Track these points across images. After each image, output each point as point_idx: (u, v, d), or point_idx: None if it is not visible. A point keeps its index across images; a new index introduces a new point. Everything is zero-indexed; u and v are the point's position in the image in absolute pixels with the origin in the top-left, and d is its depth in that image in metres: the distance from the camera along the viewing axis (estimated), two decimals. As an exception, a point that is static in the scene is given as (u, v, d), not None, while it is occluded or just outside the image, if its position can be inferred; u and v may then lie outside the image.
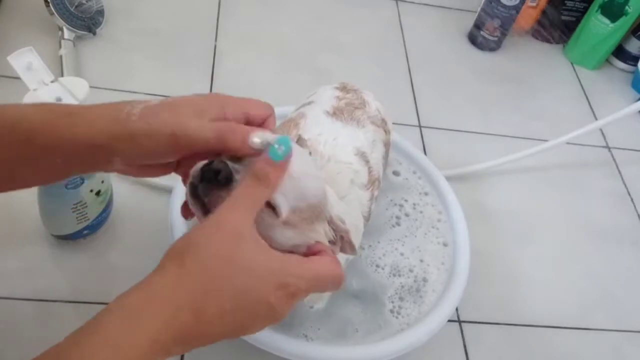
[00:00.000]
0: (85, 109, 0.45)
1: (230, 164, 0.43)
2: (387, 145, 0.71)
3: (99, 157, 0.44)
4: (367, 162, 0.63)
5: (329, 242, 0.48)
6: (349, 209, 0.57)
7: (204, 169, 0.43)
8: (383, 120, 0.71)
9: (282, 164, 0.42)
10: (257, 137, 0.44)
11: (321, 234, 0.47)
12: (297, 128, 0.64)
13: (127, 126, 0.43)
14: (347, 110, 0.67)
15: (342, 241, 0.49)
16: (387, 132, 0.71)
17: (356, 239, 0.60)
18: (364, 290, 0.72)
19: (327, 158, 0.59)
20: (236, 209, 0.40)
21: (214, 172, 0.42)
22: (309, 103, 0.70)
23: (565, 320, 0.85)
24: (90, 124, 0.43)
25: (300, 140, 0.55)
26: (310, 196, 0.45)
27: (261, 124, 0.48)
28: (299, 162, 0.44)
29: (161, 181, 0.83)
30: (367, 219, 0.63)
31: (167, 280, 0.37)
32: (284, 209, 0.43)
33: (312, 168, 0.47)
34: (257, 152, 0.44)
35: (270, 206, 0.43)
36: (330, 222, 0.48)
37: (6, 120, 0.44)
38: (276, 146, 0.42)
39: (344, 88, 0.72)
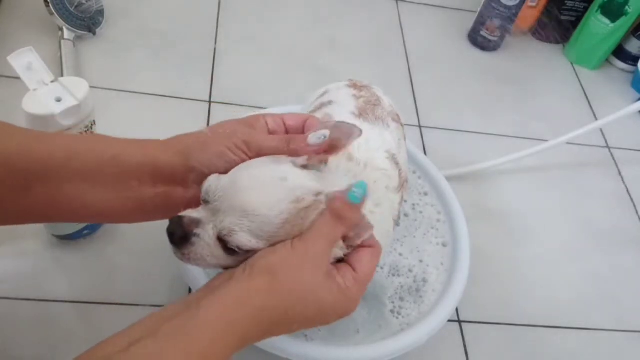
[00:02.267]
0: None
1: (188, 218, 0.46)
2: (404, 140, 0.70)
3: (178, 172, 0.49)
4: (397, 164, 0.62)
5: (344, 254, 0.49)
6: (382, 216, 0.57)
7: (167, 231, 0.46)
8: (398, 115, 0.70)
9: (358, 205, 0.46)
10: (313, 137, 0.49)
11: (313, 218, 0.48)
12: None
13: (201, 139, 0.50)
14: (369, 109, 0.65)
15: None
16: (402, 126, 0.70)
17: (385, 244, 0.60)
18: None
19: (363, 164, 0.57)
20: (319, 241, 0.45)
21: (170, 235, 0.46)
22: (329, 103, 0.68)
23: (565, 320, 0.85)
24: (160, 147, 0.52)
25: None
26: (276, 221, 0.46)
27: (302, 129, 0.53)
28: (256, 191, 0.46)
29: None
30: (397, 222, 0.63)
31: (259, 287, 0.43)
32: (254, 243, 0.45)
33: (276, 188, 0.47)
34: (318, 150, 0.49)
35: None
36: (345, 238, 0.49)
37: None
38: (354, 190, 0.46)
39: (355, 85, 0.70)
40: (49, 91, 0.60)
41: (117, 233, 0.78)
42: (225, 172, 0.48)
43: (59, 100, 0.60)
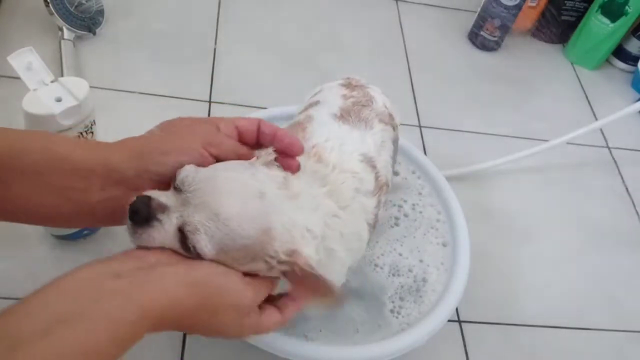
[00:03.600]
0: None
1: (156, 201, 0.45)
2: (395, 142, 0.70)
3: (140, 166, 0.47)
4: (373, 167, 0.62)
5: (283, 273, 0.48)
6: (350, 218, 0.57)
7: (130, 206, 0.45)
8: (390, 116, 0.69)
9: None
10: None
11: (262, 269, 0.47)
12: (304, 132, 0.62)
13: (155, 139, 0.49)
14: (354, 110, 0.66)
15: (300, 272, 0.47)
16: (394, 127, 0.70)
17: (357, 248, 0.60)
18: (363, 288, 0.72)
19: (332, 166, 0.57)
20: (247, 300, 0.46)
21: (132, 213, 0.45)
22: (316, 103, 0.68)
23: (565, 320, 0.85)
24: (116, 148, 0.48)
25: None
26: (242, 238, 0.45)
27: (255, 133, 0.52)
28: (235, 198, 0.45)
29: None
30: (372, 226, 0.62)
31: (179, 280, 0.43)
32: (208, 251, 0.44)
33: (253, 203, 0.46)
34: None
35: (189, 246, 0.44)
36: (276, 258, 0.47)
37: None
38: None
39: (349, 85, 0.71)
40: (49, 91, 0.60)
41: (117, 233, 0.77)
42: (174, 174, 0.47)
43: (59, 100, 0.60)
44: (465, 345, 0.79)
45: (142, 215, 0.44)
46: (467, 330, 0.80)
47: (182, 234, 0.45)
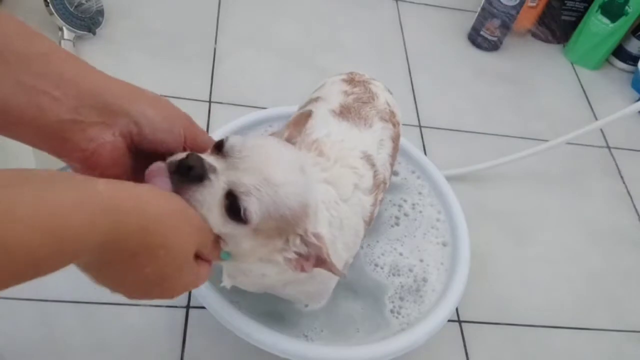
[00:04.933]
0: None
1: (207, 161, 0.43)
2: (395, 139, 0.70)
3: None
4: (372, 165, 0.62)
5: (300, 255, 0.48)
6: (350, 212, 0.57)
7: (181, 161, 0.42)
8: (392, 113, 0.69)
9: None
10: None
11: (280, 248, 0.47)
12: (305, 126, 0.62)
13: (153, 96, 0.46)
14: (355, 107, 0.66)
15: (316, 258, 0.48)
16: (395, 125, 0.70)
17: (353, 242, 0.60)
18: (363, 287, 0.72)
19: (333, 160, 0.58)
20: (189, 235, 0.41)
21: (187, 168, 0.43)
22: (317, 99, 0.68)
23: (565, 320, 0.85)
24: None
25: (307, 139, 0.55)
26: (285, 208, 0.45)
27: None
28: (283, 167, 0.45)
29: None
30: (368, 223, 0.63)
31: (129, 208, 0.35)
32: (256, 215, 0.43)
33: (298, 176, 0.46)
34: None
35: (237, 210, 0.43)
36: (304, 237, 0.47)
37: None
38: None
39: (351, 80, 0.70)
40: (49, 91, 0.60)
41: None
42: (158, 142, 0.44)
43: (59, 100, 0.60)
44: (465, 345, 0.79)
45: (196, 172, 0.43)
46: (467, 330, 0.80)
47: (230, 197, 0.43)
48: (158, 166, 0.43)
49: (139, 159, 0.44)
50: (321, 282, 0.59)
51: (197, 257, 0.42)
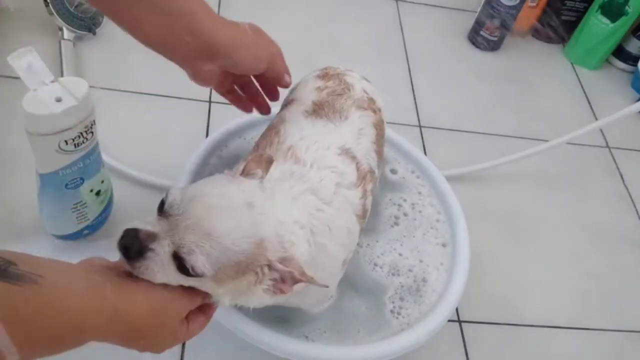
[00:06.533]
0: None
1: (143, 232, 0.45)
2: (378, 125, 0.68)
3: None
4: (353, 158, 0.61)
5: (275, 281, 0.48)
6: (336, 213, 0.57)
7: (119, 244, 0.46)
8: (371, 100, 0.68)
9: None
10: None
11: (254, 281, 0.48)
12: (278, 135, 0.62)
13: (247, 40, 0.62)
14: (329, 102, 0.65)
15: (291, 280, 0.48)
16: (376, 111, 0.68)
17: (348, 242, 0.60)
18: (363, 286, 0.72)
19: (309, 165, 0.57)
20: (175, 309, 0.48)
21: (125, 248, 0.45)
22: (291, 102, 0.68)
23: (565, 320, 0.85)
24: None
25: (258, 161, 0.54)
26: (236, 254, 0.45)
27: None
28: (225, 214, 0.45)
29: (161, 181, 0.83)
30: (362, 216, 0.62)
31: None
32: (207, 270, 0.44)
33: (243, 218, 0.46)
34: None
35: (187, 268, 0.44)
36: (271, 266, 0.47)
37: None
38: None
39: (325, 75, 0.70)
40: (49, 91, 0.60)
41: (117, 232, 0.77)
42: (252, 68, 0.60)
43: (59, 100, 0.60)
44: (465, 345, 0.79)
45: (134, 249, 0.45)
46: (467, 330, 0.80)
47: (177, 259, 0.44)
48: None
49: (227, 74, 0.62)
50: (319, 291, 0.59)
51: (191, 313, 0.50)
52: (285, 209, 0.51)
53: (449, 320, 0.70)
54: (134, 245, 0.45)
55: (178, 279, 0.46)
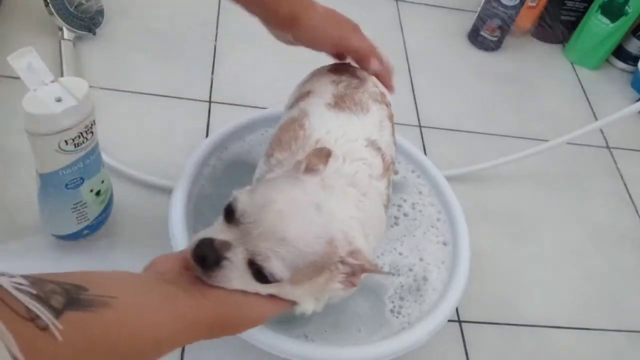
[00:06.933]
0: None
1: (218, 241, 0.45)
2: (391, 119, 0.69)
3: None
4: (378, 149, 0.61)
5: (347, 275, 0.49)
6: (371, 204, 0.57)
7: (194, 255, 0.46)
8: (382, 94, 0.69)
9: None
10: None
11: (329, 278, 0.49)
12: (303, 129, 0.61)
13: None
14: (348, 95, 0.65)
15: (361, 271, 0.50)
16: (387, 105, 0.69)
17: (380, 231, 0.61)
18: (364, 286, 0.71)
19: (341, 159, 0.57)
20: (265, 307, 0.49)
21: (202, 259, 0.45)
22: (308, 94, 0.67)
23: (565, 320, 0.85)
24: None
25: (322, 154, 0.54)
26: (311, 255, 0.46)
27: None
28: (297, 218, 0.46)
29: (161, 181, 0.83)
30: (387, 206, 0.62)
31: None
32: (284, 275, 0.45)
33: (313, 219, 0.47)
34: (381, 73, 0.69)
35: (264, 275, 0.45)
36: (344, 262, 0.49)
37: None
38: None
39: (337, 69, 0.70)
40: (49, 91, 0.60)
41: (117, 233, 0.78)
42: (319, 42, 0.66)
43: (59, 100, 0.60)
44: (465, 345, 0.79)
45: (210, 260, 0.45)
46: (467, 330, 0.80)
47: (254, 265, 0.45)
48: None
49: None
50: None
51: None
52: (343, 204, 0.52)
53: (449, 320, 0.70)
54: (210, 255, 0.45)
55: (255, 286, 0.47)
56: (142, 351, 0.39)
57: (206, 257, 0.45)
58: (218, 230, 0.47)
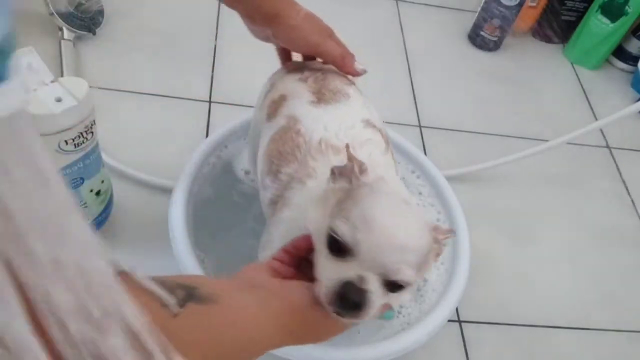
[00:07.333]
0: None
1: (368, 290, 0.46)
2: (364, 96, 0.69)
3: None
4: (374, 127, 0.61)
5: (437, 249, 0.52)
6: (392, 178, 0.57)
7: (341, 295, 0.46)
8: (346, 77, 0.69)
9: None
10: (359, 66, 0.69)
11: (431, 258, 0.51)
12: (300, 135, 0.59)
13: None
14: (323, 87, 0.64)
15: (445, 244, 0.53)
16: (354, 83, 0.70)
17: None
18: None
19: (352, 147, 0.54)
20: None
21: (355, 305, 0.46)
22: (284, 99, 0.65)
23: (565, 320, 0.85)
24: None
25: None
26: (425, 250, 0.48)
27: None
28: (405, 224, 0.47)
29: (161, 181, 0.83)
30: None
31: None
32: (413, 279, 0.47)
33: (412, 217, 0.49)
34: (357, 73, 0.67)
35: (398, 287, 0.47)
36: (438, 241, 0.51)
37: None
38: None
39: (295, 68, 0.69)
40: (49, 91, 0.60)
41: (117, 233, 0.78)
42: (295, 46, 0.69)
43: (59, 100, 0.60)
44: (465, 345, 0.79)
45: (359, 300, 0.46)
46: (467, 330, 0.80)
47: (388, 282, 0.46)
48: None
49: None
50: None
51: None
52: (398, 187, 0.55)
53: (449, 320, 0.71)
54: (356, 296, 0.46)
55: (389, 297, 0.48)
56: (244, 348, 0.42)
57: (357, 301, 0.46)
58: (341, 270, 0.46)
